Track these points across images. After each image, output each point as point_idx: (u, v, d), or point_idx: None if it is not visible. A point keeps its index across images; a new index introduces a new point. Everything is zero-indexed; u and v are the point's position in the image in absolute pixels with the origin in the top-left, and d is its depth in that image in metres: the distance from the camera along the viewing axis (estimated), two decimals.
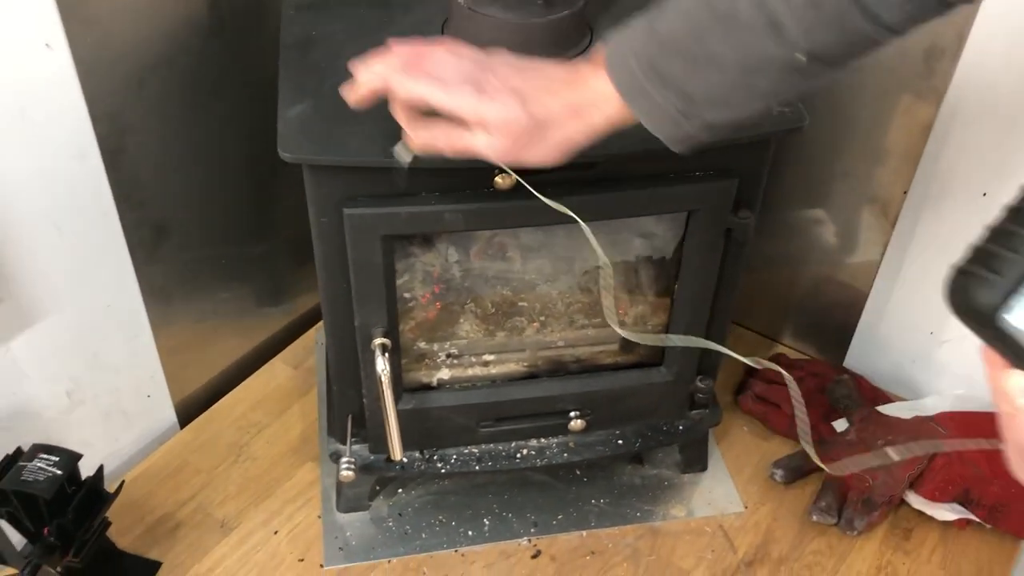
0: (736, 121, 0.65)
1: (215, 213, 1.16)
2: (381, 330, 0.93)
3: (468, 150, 0.70)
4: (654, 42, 0.64)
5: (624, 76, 0.64)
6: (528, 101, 0.67)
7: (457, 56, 0.70)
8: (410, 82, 0.69)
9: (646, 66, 0.63)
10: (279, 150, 0.80)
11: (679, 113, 0.64)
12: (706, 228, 0.93)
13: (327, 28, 0.96)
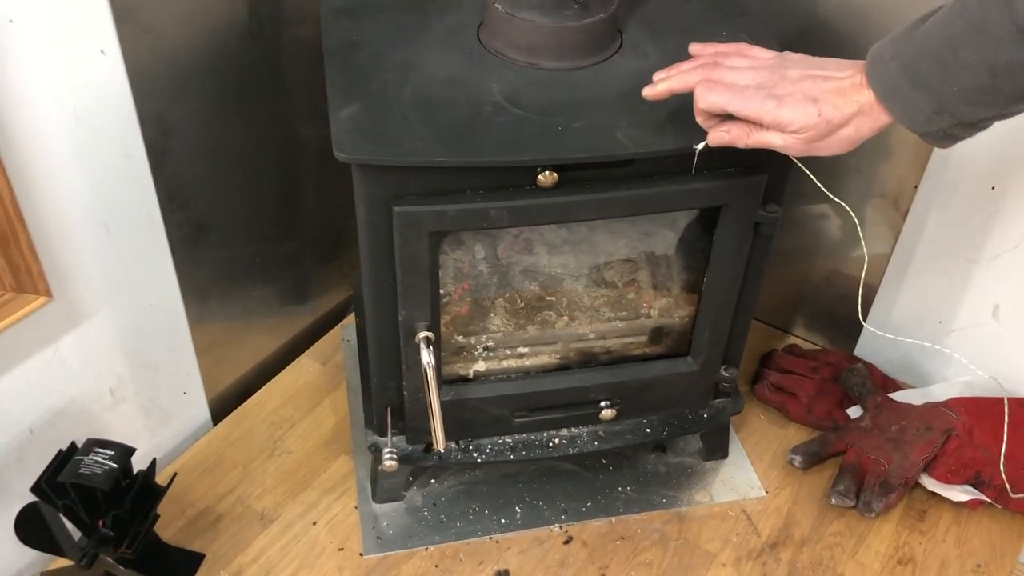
0: (985, 118, 0.71)
1: (249, 213, 1.19)
2: (424, 324, 0.97)
3: (763, 144, 0.78)
4: (911, 48, 0.70)
5: (882, 79, 0.72)
6: (822, 104, 0.74)
7: (753, 61, 0.79)
8: (711, 94, 0.77)
9: (902, 70, 0.70)
10: (334, 151, 0.83)
11: (933, 112, 0.70)
12: (736, 222, 0.96)
13: (367, 32, 0.99)
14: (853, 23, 1.13)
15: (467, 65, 0.95)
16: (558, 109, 0.89)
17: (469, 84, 0.92)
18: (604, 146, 0.86)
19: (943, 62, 0.68)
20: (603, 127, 0.88)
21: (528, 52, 0.95)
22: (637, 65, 0.97)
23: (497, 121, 0.87)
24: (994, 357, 1.29)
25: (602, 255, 1.14)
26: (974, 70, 0.67)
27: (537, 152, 0.85)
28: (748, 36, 1.01)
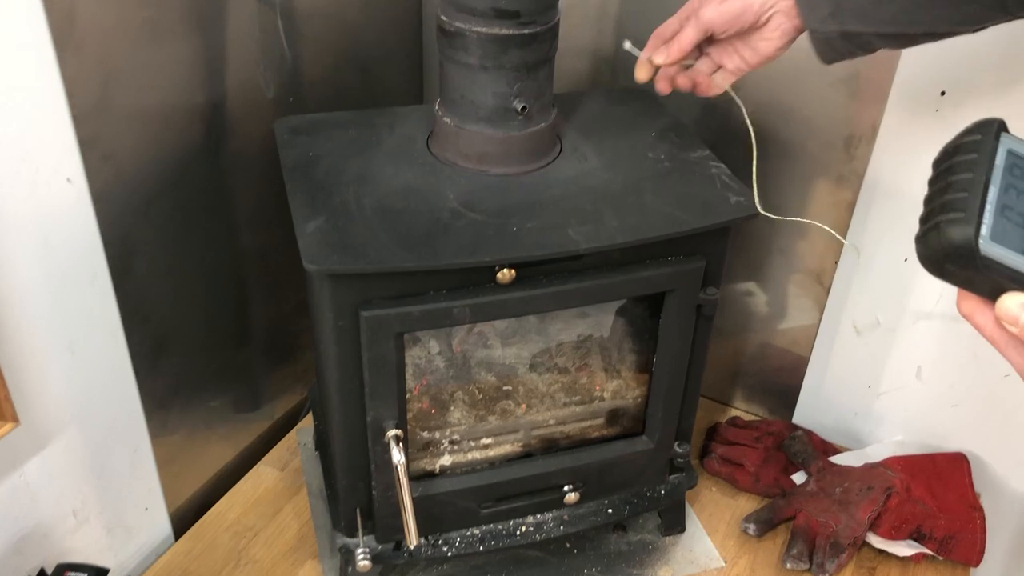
0: (863, 33, 0.81)
1: (206, 324, 1.22)
2: (393, 422, 1.00)
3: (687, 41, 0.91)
4: None
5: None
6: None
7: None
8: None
9: None
10: (304, 262, 0.87)
11: (828, 14, 0.81)
12: (680, 306, 1.03)
13: (322, 149, 1.05)
14: (775, 121, 1.23)
15: (421, 175, 1.01)
16: (511, 211, 0.96)
17: (425, 193, 0.98)
18: (557, 243, 0.93)
19: None
20: (554, 226, 0.94)
21: (478, 160, 1.01)
22: (578, 167, 1.04)
23: (456, 225, 0.93)
24: (920, 415, 1.38)
25: (553, 342, 1.19)
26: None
27: (495, 252, 0.91)
28: (674, 135, 1.11)
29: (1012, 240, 0.44)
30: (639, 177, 1.03)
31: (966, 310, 0.49)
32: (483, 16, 0.93)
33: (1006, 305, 0.46)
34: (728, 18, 0.86)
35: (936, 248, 0.46)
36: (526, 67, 0.96)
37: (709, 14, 0.86)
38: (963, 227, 0.44)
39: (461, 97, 0.99)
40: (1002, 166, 0.45)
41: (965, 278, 0.47)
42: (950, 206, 0.45)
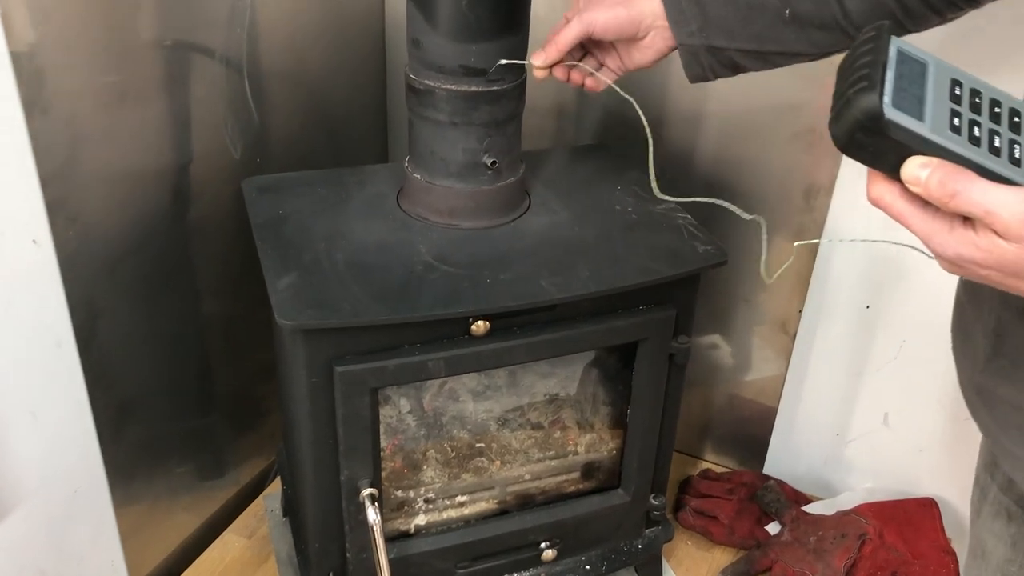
0: (728, 50, 0.85)
1: (171, 389, 1.19)
2: (368, 481, 0.98)
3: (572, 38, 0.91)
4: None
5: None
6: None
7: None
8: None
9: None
10: (277, 318, 0.86)
11: (697, 28, 0.85)
12: (652, 355, 1.04)
13: (291, 207, 1.05)
14: (735, 173, 1.26)
15: (393, 230, 1.01)
16: (484, 264, 0.96)
17: (398, 247, 0.98)
18: (530, 294, 0.93)
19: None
20: (527, 277, 0.95)
21: (449, 215, 1.02)
22: (548, 219, 1.06)
23: (429, 278, 0.93)
24: (889, 461, 1.40)
25: (525, 397, 1.19)
26: (738, 3, 0.83)
27: (470, 304, 0.91)
28: (639, 189, 1.13)
29: (911, 108, 0.50)
30: (608, 229, 1.04)
31: (875, 192, 0.53)
32: (452, 74, 0.94)
33: (909, 168, 0.50)
34: (612, 27, 0.89)
35: (848, 118, 0.50)
36: (495, 123, 0.98)
37: (593, 17, 0.89)
38: (869, 93, 0.49)
39: (431, 153, 1.00)
40: (894, 57, 0.52)
41: (873, 148, 0.51)
42: (857, 82, 0.50)
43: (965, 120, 0.51)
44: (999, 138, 0.51)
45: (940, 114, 0.51)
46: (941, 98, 0.51)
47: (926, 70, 0.53)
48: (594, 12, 0.89)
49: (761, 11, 0.83)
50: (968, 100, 0.52)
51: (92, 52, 0.94)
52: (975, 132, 0.51)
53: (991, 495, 0.78)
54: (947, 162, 0.49)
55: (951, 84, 0.53)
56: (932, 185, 0.49)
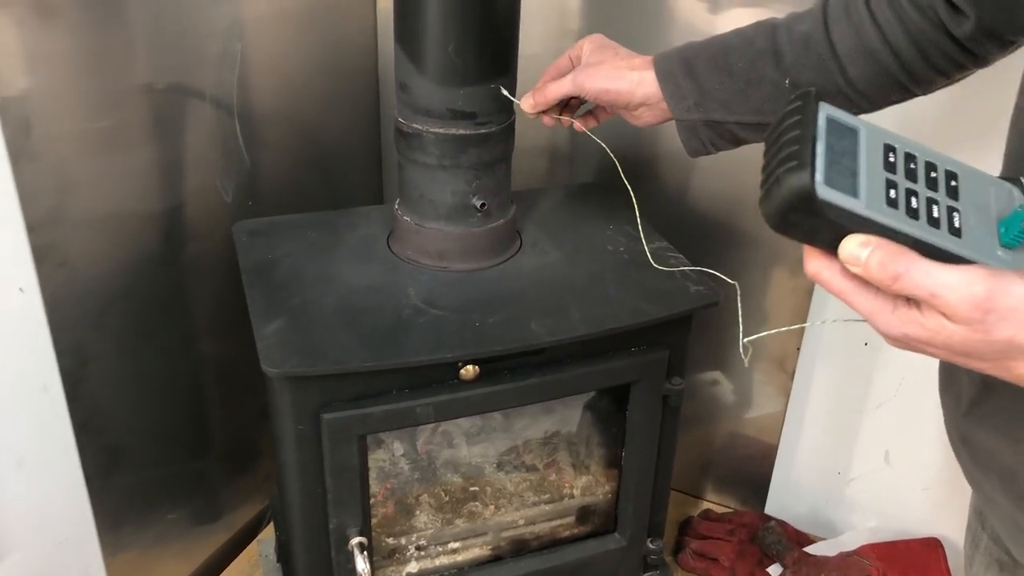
0: (727, 122, 0.84)
1: (162, 433, 1.18)
2: (356, 529, 0.97)
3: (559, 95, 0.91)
4: (693, 48, 0.84)
5: (662, 64, 0.85)
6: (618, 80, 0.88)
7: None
8: None
9: (681, 60, 0.84)
10: (263, 366, 0.85)
11: (694, 103, 0.84)
12: (646, 397, 1.03)
13: (281, 251, 1.04)
14: (730, 210, 1.26)
15: (382, 273, 1.01)
16: (473, 307, 0.95)
17: (387, 291, 0.97)
18: (520, 337, 0.92)
19: (715, 62, 0.82)
20: (517, 320, 0.94)
21: (438, 257, 1.01)
22: (539, 261, 1.05)
23: (418, 322, 0.92)
24: (892, 500, 1.37)
25: (520, 440, 1.17)
26: (736, 76, 0.81)
27: (459, 348, 0.90)
28: (631, 229, 1.12)
29: (844, 185, 0.47)
30: (600, 269, 1.03)
31: (813, 268, 0.50)
32: (440, 117, 0.94)
33: (847, 247, 0.47)
34: (602, 98, 0.89)
35: (778, 198, 0.48)
36: (484, 165, 0.98)
37: (587, 84, 0.88)
38: (800, 172, 0.47)
39: (420, 196, 1.00)
40: (823, 127, 0.49)
41: (807, 227, 0.49)
42: (786, 160, 0.48)
43: (902, 191, 0.48)
44: (937, 207, 0.49)
45: (876, 187, 0.48)
46: (875, 168, 0.49)
47: (858, 138, 0.50)
48: (586, 78, 0.88)
49: (759, 83, 0.81)
50: (903, 167, 0.50)
51: (80, 98, 0.94)
52: (912, 203, 0.48)
53: (982, 545, 0.76)
54: (887, 241, 0.47)
55: (884, 151, 0.50)
56: (872, 267, 0.47)
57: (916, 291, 0.47)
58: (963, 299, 0.46)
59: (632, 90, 0.86)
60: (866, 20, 0.77)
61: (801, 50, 0.79)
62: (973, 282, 0.46)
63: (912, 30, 0.75)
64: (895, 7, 0.76)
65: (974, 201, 0.50)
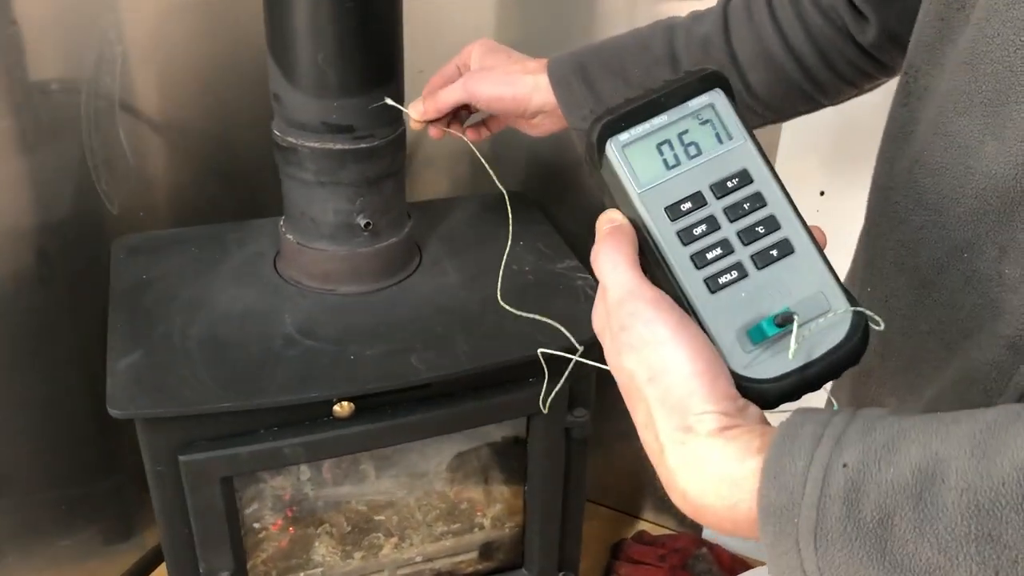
0: None
1: (53, 458, 1.12)
2: (227, 573, 0.90)
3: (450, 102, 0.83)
4: (588, 52, 0.77)
5: (556, 69, 0.77)
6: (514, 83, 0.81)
7: None
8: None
9: (576, 65, 0.76)
10: (108, 407, 0.79)
11: (590, 111, 0.76)
12: (546, 430, 0.96)
13: (159, 270, 0.97)
14: None
15: (261, 297, 0.94)
16: (352, 336, 0.89)
17: (261, 318, 0.90)
18: (397, 373, 0.85)
19: (611, 69, 0.75)
20: (397, 352, 0.87)
21: (323, 279, 0.95)
22: (435, 282, 0.98)
23: (287, 355, 0.86)
24: None
25: (432, 463, 1.11)
26: (631, 84, 0.74)
27: (327, 386, 0.83)
28: (543, 246, 1.05)
29: (643, 163, 0.43)
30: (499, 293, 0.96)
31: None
32: (315, 131, 0.87)
33: (604, 215, 0.44)
34: (495, 105, 0.81)
35: (586, 137, 0.44)
36: (367, 182, 0.90)
37: (479, 90, 0.80)
38: (604, 119, 0.43)
39: (301, 214, 0.93)
40: (694, 108, 0.43)
41: (597, 182, 0.45)
42: (620, 107, 0.43)
43: (701, 213, 0.42)
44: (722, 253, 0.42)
45: (673, 190, 0.42)
46: (699, 178, 0.42)
47: (719, 142, 0.43)
48: (478, 83, 0.80)
49: None
50: (734, 200, 0.43)
51: None
52: (698, 230, 0.42)
53: None
54: (628, 230, 0.43)
55: (734, 176, 0.43)
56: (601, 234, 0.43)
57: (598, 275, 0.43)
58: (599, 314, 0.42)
59: (528, 95, 0.79)
60: (767, 23, 0.70)
61: (699, 54, 0.72)
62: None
63: (816, 35, 0.69)
64: (798, 9, 0.69)
65: (781, 280, 0.42)
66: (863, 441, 0.35)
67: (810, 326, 0.41)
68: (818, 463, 0.35)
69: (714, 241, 0.42)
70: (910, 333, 0.51)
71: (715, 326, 0.41)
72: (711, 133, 0.43)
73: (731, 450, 0.37)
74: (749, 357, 0.41)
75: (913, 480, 0.33)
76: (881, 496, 0.33)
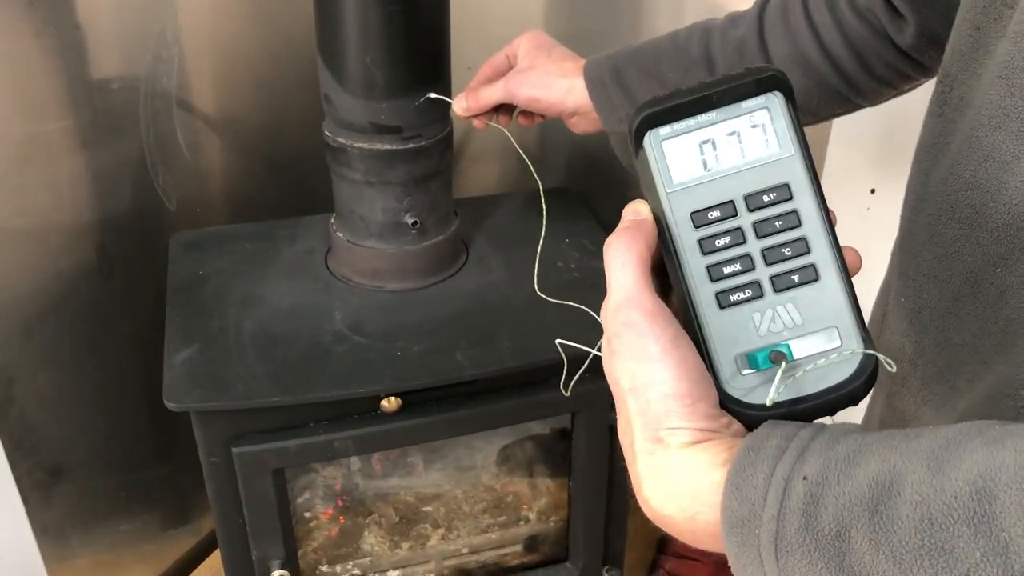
0: None
1: (113, 446, 1.16)
2: (278, 562, 0.93)
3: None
4: (624, 55, 0.77)
5: (592, 72, 0.78)
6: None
7: None
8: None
9: (611, 67, 0.77)
10: (164, 400, 0.82)
11: (626, 116, 0.76)
12: (590, 427, 0.97)
13: (214, 266, 1.00)
14: None
15: (312, 293, 0.96)
16: (400, 333, 0.90)
17: (312, 313, 0.93)
18: (443, 369, 0.87)
19: (647, 71, 0.75)
20: (443, 349, 0.88)
21: (373, 276, 0.96)
22: (481, 279, 0.99)
23: (336, 352, 0.87)
24: None
25: (479, 457, 1.12)
26: (668, 86, 0.72)
27: (375, 382, 0.85)
28: (588, 242, 1.05)
29: (679, 157, 0.41)
30: (544, 290, 0.97)
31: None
32: (364, 132, 0.89)
33: (632, 205, 0.43)
34: (535, 108, 0.83)
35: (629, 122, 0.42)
36: (414, 181, 0.92)
37: (518, 92, 0.82)
38: (647, 109, 0.41)
39: (351, 212, 0.94)
40: (747, 110, 0.41)
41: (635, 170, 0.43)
42: (667, 99, 0.41)
43: (728, 223, 0.41)
44: (742, 268, 0.41)
45: (706, 194, 0.41)
46: (733, 186, 0.41)
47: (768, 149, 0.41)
48: (517, 86, 0.82)
49: None
50: (766, 214, 0.41)
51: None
52: (721, 241, 0.41)
53: None
54: (649, 225, 0.41)
55: (771, 190, 0.40)
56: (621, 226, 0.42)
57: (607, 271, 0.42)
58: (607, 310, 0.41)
59: (562, 100, 0.80)
60: (803, 27, 0.69)
61: (734, 57, 0.72)
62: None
63: (852, 38, 0.68)
64: (834, 12, 0.68)
65: (797, 307, 0.40)
66: (825, 454, 0.35)
67: (809, 364, 0.40)
68: (779, 475, 0.35)
69: (735, 255, 0.41)
70: (944, 345, 0.51)
71: (716, 341, 0.41)
72: (760, 139, 0.41)
73: (697, 462, 0.38)
74: (742, 379, 0.40)
75: (870, 493, 0.33)
76: (839, 508, 0.33)
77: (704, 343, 0.41)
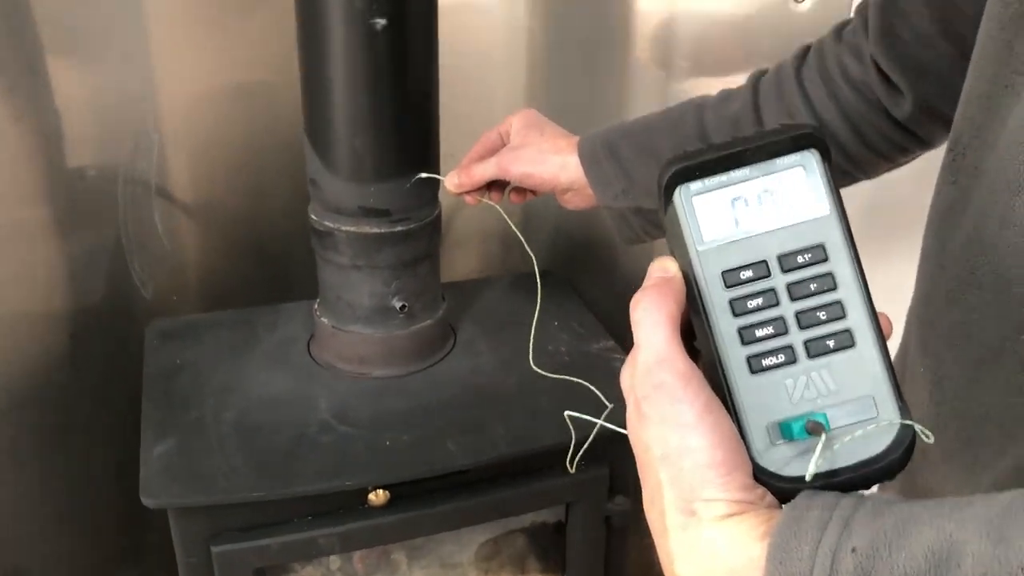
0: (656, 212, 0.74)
1: (79, 548, 1.10)
2: None
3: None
4: (617, 130, 0.77)
5: (587, 148, 0.78)
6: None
7: None
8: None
9: (605, 143, 0.77)
10: (141, 496, 0.77)
11: (622, 190, 0.76)
12: (586, 518, 0.93)
13: (192, 354, 0.96)
14: None
15: (295, 382, 0.93)
16: (388, 422, 0.87)
17: (295, 403, 0.89)
18: (433, 459, 0.83)
19: (641, 146, 0.75)
20: (433, 438, 0.85)
21: (358, 363, 0.93)
22: (470, 363, 0.96)
23: (322, 442, 0.84)
24: None
25: (466, 553, 1.07)
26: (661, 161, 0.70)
27: (362, 475, 0.81)
28: (577, 325, 1.03)
29: (711, 215, 0.39)
30: (535, 375, 0.94)
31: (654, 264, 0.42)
32: (352, 215, 0.87)
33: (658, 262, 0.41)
34: (528, 183, 0.82)
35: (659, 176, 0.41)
36: (403, 264, 0.90)
37: (511, 169, 0.81)
38: (680, 161, 0.40)
39: (337, 297, 0.92)
40: (781, 168, 0.39)
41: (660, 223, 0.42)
42: (699, 153, 0.40)
43: (762, 284, 0.39)
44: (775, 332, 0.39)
45: (739, 254, 0.39)
46: (768, 245, 0.39)
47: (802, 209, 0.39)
48: (510, 162, 0.81)
49: None
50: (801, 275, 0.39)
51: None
52: (753, 303, 0.39)
53: None
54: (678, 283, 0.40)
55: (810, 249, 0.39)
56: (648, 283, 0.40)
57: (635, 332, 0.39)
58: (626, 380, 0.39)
59: (556, 175, 0.79)
60: (798, 101, 0.69)
61: (730, 132, 0.71)
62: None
63: (848, 111, 0.68)
64: (829, 86, 0.68)
65: (832, 374, 0.39)
66: (873, 524, 0.33)
67: (847, 435, 0.37)
68: (825, 547, 0.33)
69: (768, 318, 0.39)
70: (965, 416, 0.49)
71: (746, 408, 0.38)
72: (794, 198, 0.39)
73: (734, 536, 0.36)
74: (775, 449, 0.38)
75: (927, 565, 0.31)
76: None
77: (735, 410, 0.38)
